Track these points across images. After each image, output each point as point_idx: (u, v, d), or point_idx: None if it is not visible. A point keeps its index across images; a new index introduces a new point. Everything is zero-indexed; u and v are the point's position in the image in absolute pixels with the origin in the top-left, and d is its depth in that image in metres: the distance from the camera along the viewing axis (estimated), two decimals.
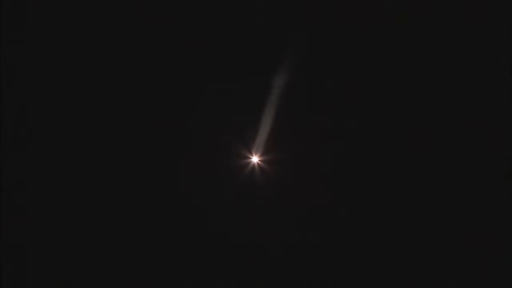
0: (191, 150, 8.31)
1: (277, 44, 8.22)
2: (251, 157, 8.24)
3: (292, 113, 8.28)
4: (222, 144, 8.25)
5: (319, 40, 8.33)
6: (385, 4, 8.27)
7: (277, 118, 8.15)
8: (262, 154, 8.24)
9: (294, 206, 8.29)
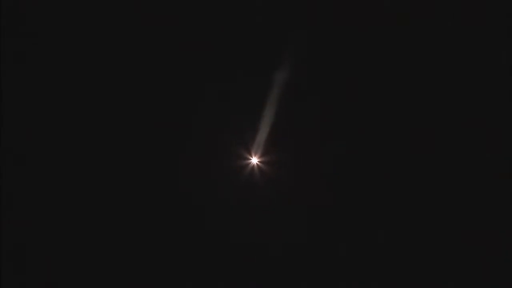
0: (191, 151, 8.32)
1: (277, 44, 8.22)
2: (251, 158, 8.25)
3: (292, 113, 8.28)
4: (222, 144, 8.26)
5: (319, 40, 8.34)
6: (385, 4, 8.28)
7: (276, 119, 8.16)
8: (261, 155, 8.25)
9: (294, 206, 8.29)
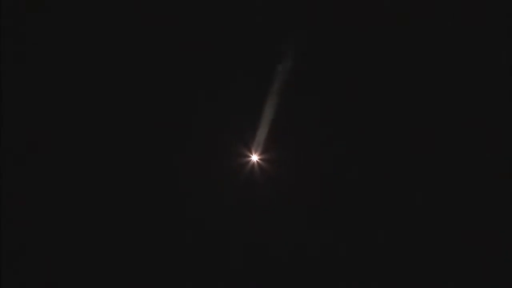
0: (191, 149, 8.31)
1: (277, 44, 8.22)
2: (251, 155, 8.25)
3: (292, 111, 8.28)
4: (222, 143, 8.26)
5: (319, 40, 8.34)
6: (385, 4, 8.28)
7: (276, 116, 8.15)
8: (261, 153, 8.25)
9: (294, 204, 8.28)
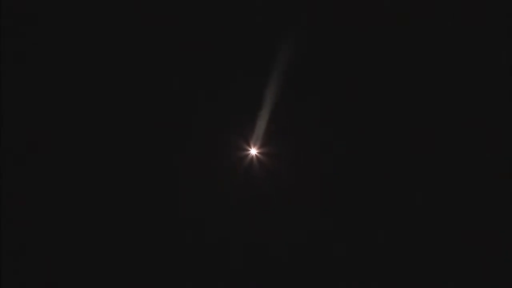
0: (190, 142, 8.29)
1: (277, 44, 8.22)
2: (250, 149, 8.23)
3: (291, 105, 8.27)
4: (221, 136, 8.23)
5: (319, 40, 8.34)
6: (385, 4, 8.28)
7: (276, 110, 8.12)
8: (260, 146, 8.22)
9: (293, 199, 8.26)
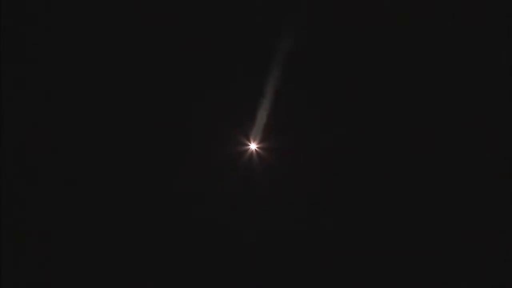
0: (189, 138, 8.28)
1: (276, 44, 8.22)
2: (249, 144, 8.20)
3: (291, 100, 8.25)
4: (220, 131, 8.21)
5: (319, 40, 8.35)
6: (385, 4, 8.28)
7: (276, 103, 8.10)
8: (260, 141, 8.20)
9: (292, 193, 8.25)
